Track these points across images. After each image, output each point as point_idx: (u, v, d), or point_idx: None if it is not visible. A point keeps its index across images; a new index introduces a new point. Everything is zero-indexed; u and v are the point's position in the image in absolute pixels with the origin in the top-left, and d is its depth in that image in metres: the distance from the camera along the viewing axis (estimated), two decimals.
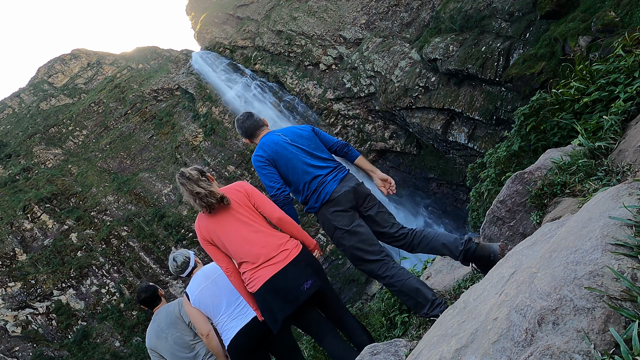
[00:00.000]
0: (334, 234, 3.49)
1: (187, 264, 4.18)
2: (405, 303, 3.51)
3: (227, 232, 3.19)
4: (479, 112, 28.23)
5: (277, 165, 3.58)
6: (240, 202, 3.28)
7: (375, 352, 2.80)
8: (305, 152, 3.65)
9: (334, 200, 3.48)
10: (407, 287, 3.34)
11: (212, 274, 3.94)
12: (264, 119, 3.97)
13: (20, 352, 29.34)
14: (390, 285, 3.43)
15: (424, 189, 36.37)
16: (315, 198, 3.52)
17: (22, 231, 35.97)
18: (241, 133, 3.93)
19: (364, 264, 3.47)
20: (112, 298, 34.08)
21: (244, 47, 47.76)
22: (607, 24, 17.79)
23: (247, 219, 3.23)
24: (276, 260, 3.11)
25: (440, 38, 31.15)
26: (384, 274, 3.41)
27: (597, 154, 3.34)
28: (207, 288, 3.84)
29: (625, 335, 1.31)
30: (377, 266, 3.43)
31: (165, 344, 4.05)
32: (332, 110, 39.10)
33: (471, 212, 7.17)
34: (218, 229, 3.21)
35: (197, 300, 3.81)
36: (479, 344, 1.66)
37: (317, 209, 3.54)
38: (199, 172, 3.35)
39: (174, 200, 39.43)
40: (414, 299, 3.33)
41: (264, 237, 3.18)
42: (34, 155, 42.59)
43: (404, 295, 3.39)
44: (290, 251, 3.17)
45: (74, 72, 52.17)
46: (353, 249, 3.45)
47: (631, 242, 1.56)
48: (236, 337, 3.63)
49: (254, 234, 3.18)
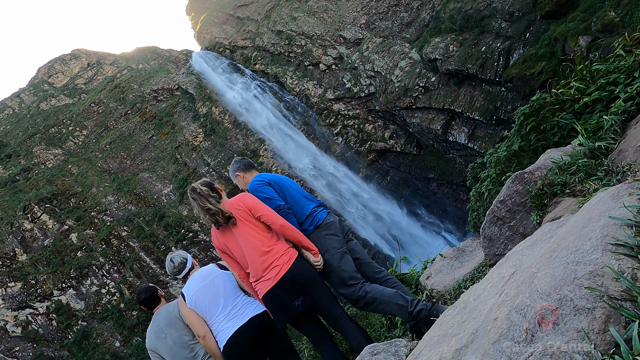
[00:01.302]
0: (325, 253, 3.73)
1: (184, 265, 4.20)
2: (389, 312, 3.65)
3: (232, 247, 3.56)
4: (479, 112, 28.24)
5: (275, 188, 3.90)
6: (242, 219, 3.52)
7: (376, 352, 2.80)
8: (297, 188, 4.12)
9: (325, 225, 3.87)
10: (385, 295, 3.57)
11: (210, 274, 3.97)
12: None
13: (21, 352, 29.35)
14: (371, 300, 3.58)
15: (424, 189, 36.38)
16: (310, 222, 3.85)
17: (22, 231, 35.98)
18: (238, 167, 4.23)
19: (347, 287, 3.66)
20: (112, 298, 34.09)
21: (244, 47, 47.77)
22: (607, 24, 17.79)
23: (249, 235, 3.49)
24: (269, 277, 3.40)
25: (440, 38, 31.16)
26: (363, 293, 3.62)
27: (597, 154, 3.34)
28: (204, 288, 3.86)
29: (625, 335, 1.31)
30: (357, 288, 3.66)
31: (165, 345, 4.05)
32: (332, 110, 39.11)
33: (471, 212, 7.17)
34: (227, 242, 3.58)
35: (194, 300, 3.83)
36: (479, 344, 1.66)
37: (311, 231, 3.84)
38: (209, 188, 3.64)
39: (174, 200, 39.45)
40: (395, 303, 3.52)
41: (259, 254, 3.44)
42: (34, 156, 42.60)
43: (384, 304, 3.56)
44: (280, 267, 3.41)
45: (74, 72, 52.18)
46: (340, 271, 3.68)
47: (631, 242, 1.56)
48: (233, 337, 3.65)
49: (252, 251, 3.45)
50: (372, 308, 3.66)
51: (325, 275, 3.74)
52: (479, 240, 4.39)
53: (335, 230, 3.90)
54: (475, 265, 4.39)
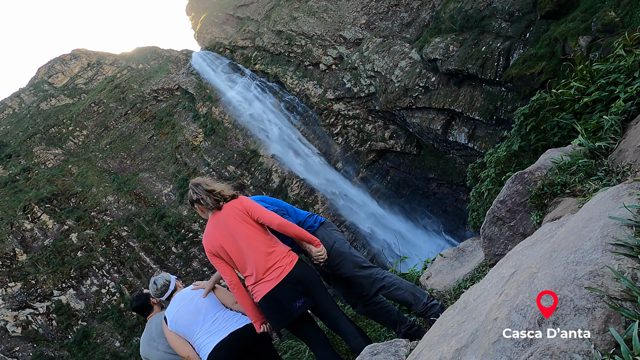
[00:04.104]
0: (334, 244, 3.86)
1: (167, 287, 4.24)
2: (403, 299, 3.77)
3: (230, 248, 3.49)
4: (479, 112, 28.24)
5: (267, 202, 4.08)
6: (241, 219, 3.50)
7: (376, 352, 2.80)
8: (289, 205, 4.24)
9: (328, 223, 4.12)
10: (405, 284, 3.78)
11: (189, 294, 4.00)
12: None
13: (21, 352, 29.35)
14: (390, 284, 3.76)
15: (424, 189, 36.38)
16: (313, 220, 4.03)
17: (22, 231, 35.98)
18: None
19: (363, 269, 3.80)
20: (112, 298, 34.09)
21: (244, 47, 47.77)
22: (607, 24, 17.79)
23: (249, 236, 3.47)
24: (271, 277, 3.38)
25: (440, 38, 31.15)
26: (383, 275, 3.80)
27: (597, 154, 3.34)
28: (184, 308, 3.89)
29: (625, 335, 1.31)
30: (376, 270, 3.84)
31: (157, 353, 4.10)
32: (332, 110, 39.11)
33: (471, 212, 7.16)
34: (224, 243, 3.49)
35: (174, 322, 3.86)
36: (479, 344, 1.66)
37: (317, 227, 3.99)
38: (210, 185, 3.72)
39: (174, 200, 39.45)
40: (412, 293, 3.73)
41: (262, 255, 3.44)
42: (34, 156, 42.60)
43: (401, 289, 3.75)
44: (284, 268, 3.41)
45: (74, 72, 52.18)
46: (352, 256, 3.84)
47: (631, 242, 1.56)
48: (213, 352, 3.64)
49: (254, 251, 3.44)
50: (387, 292, 3.77)
51: (337, 265, 3.78)
52: (479, 240, 4.40)
53: (336, 228, 4.14)
54: (475, 265, 4.39)
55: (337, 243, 3.85)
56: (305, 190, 38.18)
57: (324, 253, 3.56)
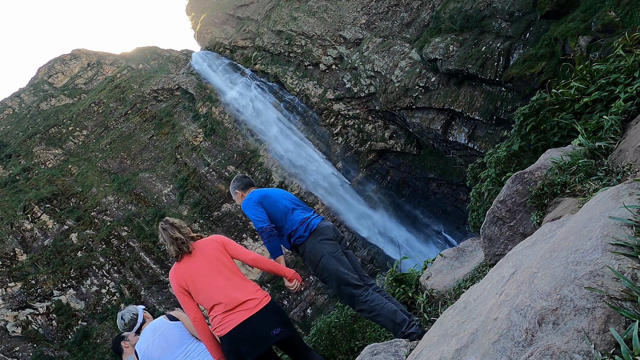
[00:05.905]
0: (321, 259, 3.84)
1: (135, 320, 4.25)
2: (383, 325, 3.79)
3: (201, 279, 3.47)
4: (479, 112, 28.24)
5: (265, 204, 4.04)
6: (217, 251, 3.57)
7: (376, 352, 2.80)
8: (289, 198, 4.26)
9: (319, 230, 3.98)
10: (386, 310, 3.70)
11: (160, 327, 3.98)
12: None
13: (21, 352, 29.35)
14: (370, 309, 3.74)
15: (424, 189, 36.38)
16: (304, 228, 3.97)
17: (22, 231, 35.98)
18: (238, 185, 4.37)
19: (347, 287, 3.79)
20: (112, 298, 34.10)
21: (244, 47, 47.77)
22: (607, 24, 17.79)
23: (223, 267, 3.52)
24: (247, 307, 3.38)
25: (440, 38, 31.15)
26: (365, 299, 3.76)
27: (597, 154, 3.34)
28: (155, 342, 3.88)
29: (625, 335, 1.31)
30: (360, 291, 3.79)
31: None
32: (332, 110, 39.11)
33: (471, 212, 7.16)
34: (193, 276, 3.48)
35: (145, 357, 3.85)
36: (479, 344, 1.66)
37: (306, 237, 3.94)
38: (183, 227, 3.68)
39: (174, 200, 39.46)
40: (392, 320, 3.66)
41: (237, 286, 3.48)
42: (34, 156, 42.59)
43: (382, 317, 3.70)
44: (260, 300, 3.45)
45: (74, 72, 52.16)
46: (338, 272, 3.80)
47: (631, 242, 1.56)
48: None
49: (226, 281, 3.47)
50: (367, 315, 3.80)
51: (324, 280, 3.86)
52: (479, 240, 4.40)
53: (329, 234, 4.00)
54: (475, 265, 4.39)
55: (324, 258, 3.84)
56: (305, 190, 38.21)
57: (295, 287, 3.73)
